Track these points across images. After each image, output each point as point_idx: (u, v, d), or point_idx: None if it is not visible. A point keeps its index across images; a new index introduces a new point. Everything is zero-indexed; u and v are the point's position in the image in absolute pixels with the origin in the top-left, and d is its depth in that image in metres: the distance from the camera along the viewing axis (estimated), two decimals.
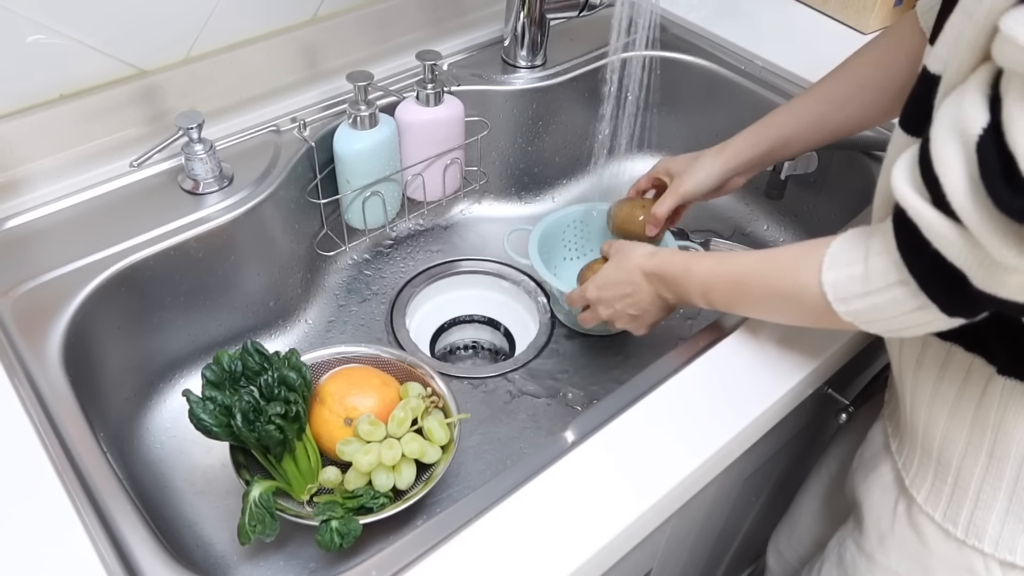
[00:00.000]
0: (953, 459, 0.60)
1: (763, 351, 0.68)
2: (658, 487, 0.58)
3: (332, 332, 0.89)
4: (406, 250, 0.99)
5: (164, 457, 0.76)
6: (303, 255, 0.89)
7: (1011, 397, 0.54)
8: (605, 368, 0.88)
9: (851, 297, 0.52)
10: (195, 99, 0.83)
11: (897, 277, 0.49)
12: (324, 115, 0.89)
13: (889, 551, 0.67)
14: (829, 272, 0.53)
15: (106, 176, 0.79)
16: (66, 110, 0.76)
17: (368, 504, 0.66)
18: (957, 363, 0.57)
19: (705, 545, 0.90)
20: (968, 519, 0.60)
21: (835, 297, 0.53)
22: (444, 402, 0.73)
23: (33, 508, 0.55)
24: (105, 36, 0.76)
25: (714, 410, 0.63)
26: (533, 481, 0.58)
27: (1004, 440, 0.56)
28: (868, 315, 0.52)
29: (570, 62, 1.02)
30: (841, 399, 0.79)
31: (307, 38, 0.89)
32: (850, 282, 0.52)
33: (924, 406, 0.61)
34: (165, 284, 0.76)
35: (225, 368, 0.67)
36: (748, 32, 1.05)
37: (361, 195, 0.87)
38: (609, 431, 0.61)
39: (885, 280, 0.49)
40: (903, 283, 0.48)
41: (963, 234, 0.43)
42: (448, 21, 1.01)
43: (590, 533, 0.55)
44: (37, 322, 0.67)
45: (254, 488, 0.63)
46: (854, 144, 0.90)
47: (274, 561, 0.68)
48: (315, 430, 0.70)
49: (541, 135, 1.03)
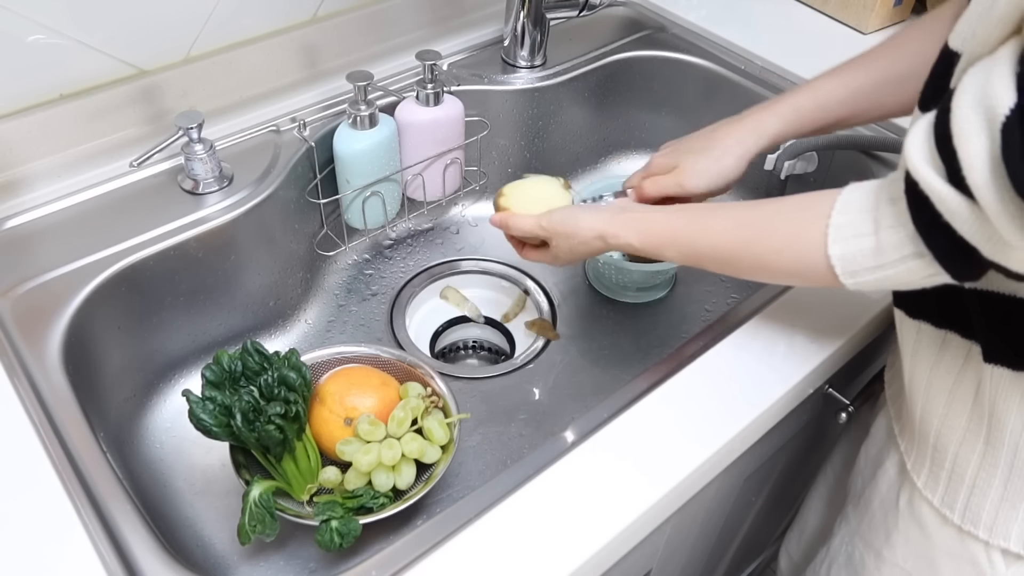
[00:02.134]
0: (950, 445, 0.60)
1: (763, 351, 0.68)
2: (658, 487, 0.58)
3: (332, 332, 0.89)
4: (406, 250, 0.99)
5: (164, 457, 0.76)
6: (303, 255, 0.89)
7: (999, 384, 0.54)
8: (605, 368, 0.88)
9: (861, 270, 0.51)
10: (195, 99, 0.83)
11: (912, 250, 0.48)
12: (324, 115, 0.89)
13: (895, 547, 0.68)
14: (835, 245, 0.52)
15: (106, 176, 0.79)
16: (66, 110, 0.75)
17: (368, 504, 0.66)
18: (954, 350, 0.57)
19: (705, 545, 0.90)
20: (964, 504, 0.60)
21: (844, 271, 0.52)
22: (444, 402, 0.73)
23: (33, 508, 0.54)
24: (105, 36, 0.76)
25: (714, 410, 0.63)
26: (533, 481, 0.58)
27: (997, 427, 0.56)
28: (876, 285, 0.51)
29: (570, 62, 1.02)
30: (842, 399, 0.79)
31: (307, 38, 0.89)
32: (860, 256, 0.50)
33: (922, 392, 0.61)
34: (165, 284, 0.76)
35: (225, 368, 0.67)
36: (748, 32, 1.05)
37: (361, 195, 0.87)
38: (609, 431, 0.61)
39: (899, 253, 0.48)
40: (918, 255, 0.47)
41: (974, 211, 0.42)
42: (448, 21, 1.01)
43: (590, 533, 0.55)
44: (37, 322, 0.67)
45: (254, 488, 0.63)
46: (854, 144, 0.90)
47: (274, 561, 0.68)
48: (315, 430, 0.70)
49: (541, 135, 1.03)
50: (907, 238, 0.48)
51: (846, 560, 0.75)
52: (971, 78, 0.42)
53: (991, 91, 0.40)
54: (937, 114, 0.44)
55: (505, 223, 0.72)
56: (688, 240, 0.62)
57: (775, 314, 0.70)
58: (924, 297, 0.57)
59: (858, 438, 0.81)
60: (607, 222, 0.65)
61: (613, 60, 1.04)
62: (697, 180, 0.70)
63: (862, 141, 0.89)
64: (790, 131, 0.70)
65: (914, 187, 0.46)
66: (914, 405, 0.63)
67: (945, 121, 0.42)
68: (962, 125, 0.41)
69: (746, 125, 0.71)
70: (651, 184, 0.73)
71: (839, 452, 0.89)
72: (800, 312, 0.71)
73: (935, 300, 0.57)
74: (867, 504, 0.72)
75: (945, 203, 0.43)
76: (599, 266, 0.90)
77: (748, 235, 0.58)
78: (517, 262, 0.98)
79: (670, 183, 0.71)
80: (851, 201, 0.52)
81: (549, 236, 0.69)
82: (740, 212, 0.60)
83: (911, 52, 0.67)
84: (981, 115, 0.40)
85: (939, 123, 0.43)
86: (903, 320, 0.62)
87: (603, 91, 1.05)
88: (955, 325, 0.56)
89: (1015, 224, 0.40)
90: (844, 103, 0.69)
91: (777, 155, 0.93)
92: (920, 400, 0.61)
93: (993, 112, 0.39)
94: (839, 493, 0.86)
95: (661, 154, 0.75)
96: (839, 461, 0.88)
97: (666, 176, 0.72)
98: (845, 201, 0.52)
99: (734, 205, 0.61)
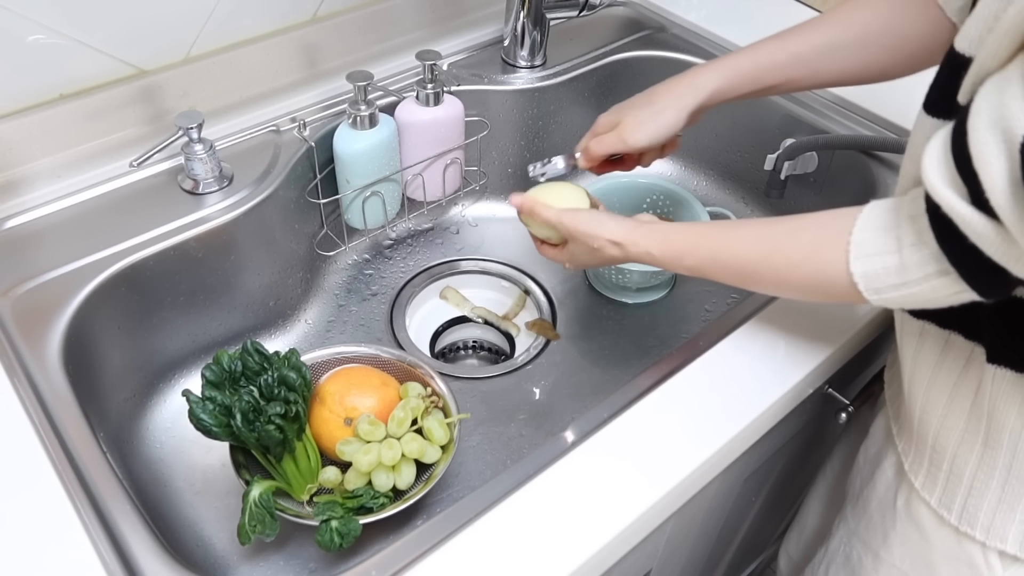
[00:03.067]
0: (949, 446, 0.60)
1: (763, 351, 0.68)
2: (658, 487, 0.58)
3: (332, 332, 0.89)
4: (406, 250, 0.99)
5: (164, 457, 0.76)
6: (303, 255, 0.89)
7: (1001, 385, 0.54)
8: (605, 368, 0.88)
9: (885, 288, 0.51)
10: (195, 99, 0.83)
11: (936, 268, 0.48)
12: (324, 115, 0.89)
13: (893, 548, 0.68)
14: (857, 263, 0.52)
15: (106, 176, 0.79)
16: (66, 110, 0.75)
17: (368, 504, 0.66)
18: (956, 351, 0.57)
19: (705, 545, 0.90)
20: (962, 506, 0.60)
21: (867, 288, 0.52)
22: (444, 402, 0.73)
23: (33, 508, 0.54)
24: (105, 36, 0.76)
25: (714, 410, 0.63)
26: (533, 481, 0.58)
27: (996, 429, 0.56)
28: (901, 302, 0.51)
29: (570, 62, 1.02)
30: (841, 399, 0.79)
31: (307, 38, 0.89)
32: (884, 274, 0.50)
33: (921, 393, 0.61)
34: (165, 284, 0.76)
35: (225, 368, 0.67)
36: (748, 32, 1.05)
37: (361, 195, 0.87)
38: (609, 431, 0.61)
39: (923, 271, 0.48)
40: (943, 273, 0.47)
41: (1001, 232, 0.42)
42: (448, 21, 1.01)
43: (590, 533, 0.55)
44: (37, 322, 0.67)
45: (254, 488, 0.63)
46: (854, 144, 0.90)
47: (274, 561, 0.68)
48: (315, 430, 0.70)
49: (541, 135, 1.03)
50: (930, 256, 0.48)
51: (844, 560, 0.75)
52: (984, 99, 0.42)
53: (1007, 112, 0.39)
54: (953, 135, 0.44)
55: (531, 208, 0.72)
56: (707, 252, 0.62)
57: (775, 314, 0.71)
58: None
59: (857, 438, 0.81)
60: (630, 231, 0.66)
61: (613, 60, 1.04)
62: (639, 135, 0.72)
63: (862, 141, 0.89)
64: (728, 87, 0.72)
65: (936, 209, 0.45)
66: (913, 405, 0.63)
67: (962, 143, 0.42)
68: (981, 148, 0.41)
69: (684, 81, 0.72)
70: (596, 143, 0.74)
71: (838, 452, 0.89)
72: (800, 312, 0.71)
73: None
74: (865, 505, 0.72)
75: (971, 226, 0.43)
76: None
77: (767, 248, 0.58)
78: (517, 262, 0.98)
79: (613, 139, 0.73)
80: (872, 218, 0.52)
81: (570, 234, 0.69)
82: (760, 227, 0.60)
83: (855, 22, 0.68)
84: (998, 136, 0.40)
85: (956, 144, 0.43)
86: (905, 320, 0.62)
87: (603, 91, 1.05)
88: (960, 326, 0.56)
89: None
90: (783, 66, 0.71)
91: (777, 155, 0.93)
92: (919, 400, 0.61)
93: (1011, 133, 0.39)
94: (838, 493, 0.86)
95: (605, 114, 0.77)
96: (838, 461, 0.88)
97: (610, 133, 0.74)
98: (866, 218, 0.52)
99: (755, 221, 0.61)
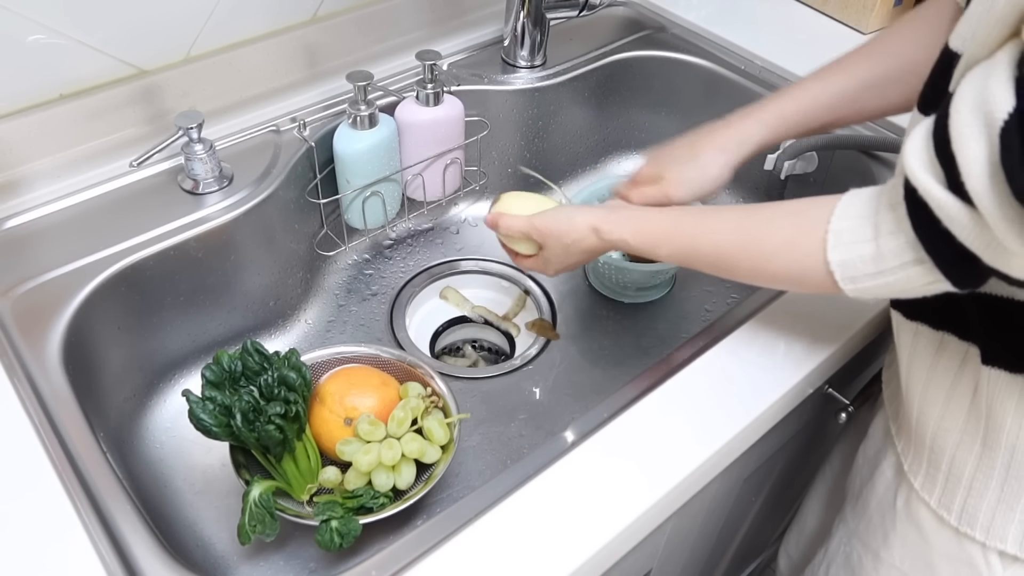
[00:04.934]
0: (947, 447, 0.60)
1: (763, 351, 0.68)
2: (658, 487, 0.58)
3: (332, 332, 0.89)
4: (406, 250, 0.99)
5: (164, 457, 0.76)
6: (303, 255, 0.89)
7: (997, 385, 0.54)
8: (605, 368, 0.88)
9: (861, 276, 0.51)
10: (195, 99, 0.83)
11: (912, 256, 0.47)
12: (324, 115, 0.89)
13: (893, 548, 0.68)
14: (835, 252, 0.51)
15: (106, 176, 0.79)
16: (66, 110, 0.75)
17: (368, 504, 0.66)
18: (951, 352, 0.57)
19: (705, 545, 0.90)
20: (961, 506, 0.60)
21: (843, 276, 0.51)
22: (444, 402, 0.73)
23: (33, 508, 0.55)
24: (105, 36, 0.76)
25: (714, 410, 0.63)
26: (533, 481, 0.58)
27: (994, 429, 0.56)
28: (876, 291, 0.51)
29: (570, 62, 1.02)
30: (841, 399, 0.79)
31: (307, 38, 0.89)
32: (860, 262, 0.50)
33: (919, 394, 0.61)
34: (165, 284, 0.76)
35: (225, 368, 0.67)
36: (748, 32, 1.05)
37: (361, 195, 0.87)
38: (609, 431, 0.61)
39: (899, 260, 0.48)
40: (919, 262, 0.47)
41: (974, 217, 0.42)
42: (448, 21, 1.01)
43: (590, 533, 0.55)
44: (37, 322, 0.67)
45: (254, 488, 0.63)
46: (854, 144, 0.90)
47: (274, 561, 0.68)
48: (315, 430, 0.70)
49: (541, 135, 1.03)
50: (907, 244, 0.47)
51: (844, 561, 0.75)
52: (969, 83, 0.41)
53: (990, 96, 0.39)
54: (936, 119, 0.44)
55: (495, 222, 0.72)
56: (683, 240, 0.61)
57: (775, 314, 0.71)
58: (922, 299, 0.57)
59: (857, 439, 0.81)
60: (602, 218, 0.65)
61: (613, 60, 1.04)
62: (683, 190, 0.71)
63: (862, 141, 0.89)
64: (774, 137, 0.71)
65: (913, 193, 0.45)
66: (911, 406, 0.63)
67: (944, 126, 0.42)
68: (960, 130, 0.41)
69: (730, 133, 0.71)
70: (637, 195, 0.74)
71: (838, 453, 0.89)
72: (800, 312, 0.71)
73: (933, 302, 0.57)
74: (865, 505, 0.72)
75: (944, 210, 0.43)
76: (599, 266, 0.90)
77: (745, 237, 0.58)
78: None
79: (656, 193, 0.72)
80: (851, 207, 0.51)
81: (542, 237, 0.69)
82: (737, 214, 0.60)
83: (894, 54, 0.66)
84: (980, 120, 0.40)
85: (938, 128, 0.43)
86: (900, 322, 0.62)
87: (603, 91, 1.05)
88: (953, 327, 0.56)
89: (1014, 230, 0.40)
90: (828, 108, 0.69)
91: (777, 155, 0.93)
92: (917, 401, 0.61)
93: (992, 117, 0.39)
94: (838, 494, 0.86)
95: (646, 164, 0.76)
96: (838, 462, 0.88)
97: (652, 187, 0.73)
98: (845, 207, 0.52)
99: (732, 208, 0.61)
